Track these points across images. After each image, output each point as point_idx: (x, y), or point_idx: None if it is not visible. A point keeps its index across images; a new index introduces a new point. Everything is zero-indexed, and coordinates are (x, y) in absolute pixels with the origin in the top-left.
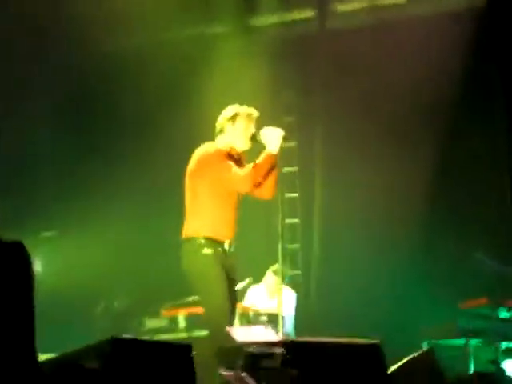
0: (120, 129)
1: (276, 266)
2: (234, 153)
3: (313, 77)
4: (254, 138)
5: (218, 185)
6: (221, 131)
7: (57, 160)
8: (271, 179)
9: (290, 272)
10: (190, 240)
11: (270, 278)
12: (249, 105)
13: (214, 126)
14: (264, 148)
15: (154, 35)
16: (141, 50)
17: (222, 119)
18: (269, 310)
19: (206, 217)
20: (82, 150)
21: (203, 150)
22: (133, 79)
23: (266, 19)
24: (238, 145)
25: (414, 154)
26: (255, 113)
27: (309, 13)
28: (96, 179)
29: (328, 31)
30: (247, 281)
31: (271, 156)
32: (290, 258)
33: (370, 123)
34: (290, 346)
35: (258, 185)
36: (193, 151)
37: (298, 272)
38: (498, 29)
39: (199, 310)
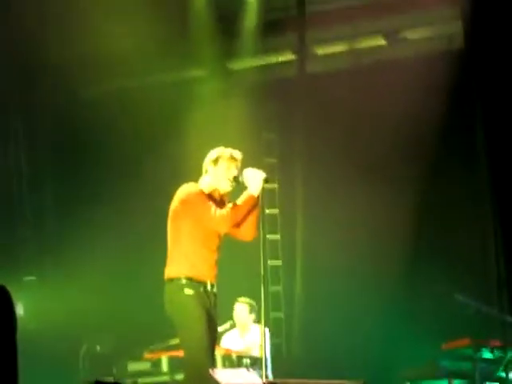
0: (100, 172)
1: (243, 299)
2: (216, 194)
3: (293, 119)
4: (236, 180)
5: (200, 225)
6: (205, 173)
7: (35, 202)
8: (251, 220)
9: (273, 314)
10: (172, 280)
11: (240, 312)
12: (231, 147)
13: (196, 169)
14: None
15: (135, 80)
16: (122, 95)
17: (206, 161)
18: (250, 352)
19: (187, 257)
20: (60, 194)
21: (185, 189)
22: (114, 125)
23: (246, 63)
24: (219, 186)
25: (396, 193)
26: (238, 155)
27: (288, 56)
28: (76, 222)
29: (308, 74)
30: (229, 323)
31: (251, 197)
32: (273, 301)
33: (351, 164)
34: None
35: (237, 225)
36: (175, 193)
37: (281, 314)
38: (477, 70)
39: (182, 352)
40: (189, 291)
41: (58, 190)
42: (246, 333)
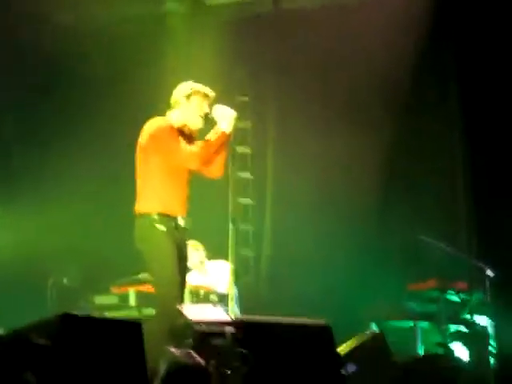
0: (73, 100)
1: (194, 242)
2: (185, 130)
3: (268, 57)
4: (207, 117)
5: (170, 160)
6: (175, 105)
7: (5, 131)
8: (221, 158)
9: (242, 252)
10: (142, 216)
11: (192, 254)
12: (202, 83)
13: (167, 102)
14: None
15: (110, 9)
16: (96, 24)
17: (177, 94)
18: (214, 289)
19: (158, 192)
20: (28, 123)
21: (155, 124)
22: (87, 54)
23: None
24: (190, 122)
25: (368, 135)
26: (211, 93)
27: None
28: (48, 148)
29: (283, 10)
30: (200, 261)
31: (223, 134)
32: (242, 239)
33: (324, 104)
34: (241, 326)
35: (207, 162)
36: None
37: (250, 252)
38: (453, 10)
39: (150, 287)
40: (161, 227)
41: (29, 118)
42: (203, 270)
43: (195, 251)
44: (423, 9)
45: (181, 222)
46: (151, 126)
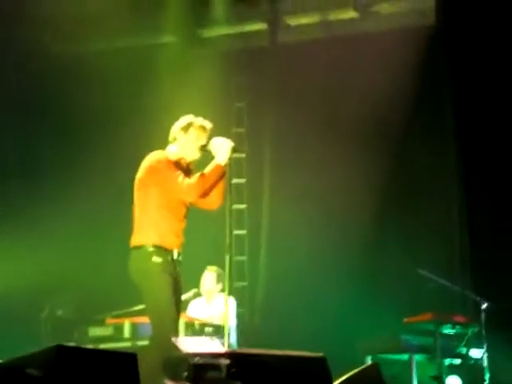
0: (69, 134)
1: (212, 267)
2: (183, 162)
3: (264, 89)
4: (203, 149)
5: (167, 193)
6: (173, 140)
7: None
8: (218, 189)
9: (237, 284)
10: (139, 248)
11: (208, 280)
12: (200, 115)
13: (164, 136)
14: (213, 159)
15: (106, 41)
16: (92, 55)
17: (175, 128)
18: (214, 320)
19: (154, 225)
20: (28, 152)
21: (152, 157)
22: (80, 86)
23: (217, 30)
24: (187, 154)
25: (365, 165)
26: (209, 125)
27: (261, 25)
28: (44, 183)
29: (280, 44)
30: (193, 292)
31: (219, 166)
32: (237, 270)
33: (321, 135)
34: (236, 358)
35: (204, 195)
36: (142, 160)
37: (245, 284)
38: (448, 46)
39: (144, 319)
40: (157, 259)
41: (23, 150)
42: (211, 301)
43: (215, 279)
44: (419, 42)
45: (176, 255)
46: (149, 159)
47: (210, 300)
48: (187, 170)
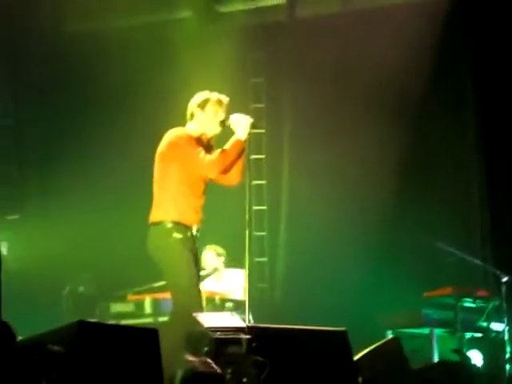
0: (88, 110)
1: (216, 247)
2: (203, 138)
3: (282, 64)
4: (223, 124)
5: (188, 170)
6: (191, 117)
7: (20, 139)
8: (238, 165)
9: (257, 259)
10: (158, 224)
11: (209, 258)
12: (218, 91)
13: (182, 112)
14: (233, 134)
15: (122, 18)
16: (108, 33)
17: (192, 105)
18: (228, 296)
19: (173, 201)
20: (45, 132)
21: (173, 133)
22: (99, 62)
23: (235, 5)
24: (207, 130)
25: (384, 140)
26: (225, 99)
27: (278, 0)
28: (62, 160)
29: (297, 19)
30: (212, 268)
31: (239, 142)
32: (257, 246)
33: (339, 111)
34: (257, 333)
35: (225, 171)
36: (161, 136)
37: (265, 259)
38: (467, 20)
39: (165, 295)
40: (177, 235)
41: (44, 128)
42: (220, 277)
43: (216, 256)
44: (438, 15)
45: (195, 231)
46: (170, 134)
47: (219, 278)
48: (208, 146)
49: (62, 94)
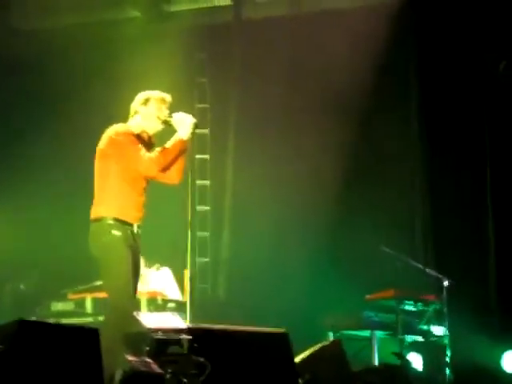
0: (31, 108)
1: (157, 266)
2: (144, 135)
3: (227, 65)
4: (165, 122)
5: (127, 166)
6: (134, 114)
7: None
8: (179, 164)
9: (199, 260)
10: (98, 220)
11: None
12: (163, 90)
13: (126, 111)
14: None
15: (70, 16)
16: (57, 31)
17: (135, 103)
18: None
19: (114, 198)
20: None
21: (113, 130)
22: (47, 60)
23: (182, 5)
24: (149, 127)
25: (328, 140)
26: (168, 97)
27: (226, 0)
28: (7, 158)
29: (244, 20)
30: (155, 266)
31: (181, 141)
32: (200, 246)
33: (284, 111)
34: (198, 334)
35: (164, 169)
36: (104, 132)
37: (207, 259)
38: (416, 23)
39: (106, 294)
40: (116, 232)
41: None
42: (142, 279)
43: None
44: (386, 18)
45: (136, 228)
46: (111, 131)
47: (143, 279)
48: (149, 144)
49: (6, 91)
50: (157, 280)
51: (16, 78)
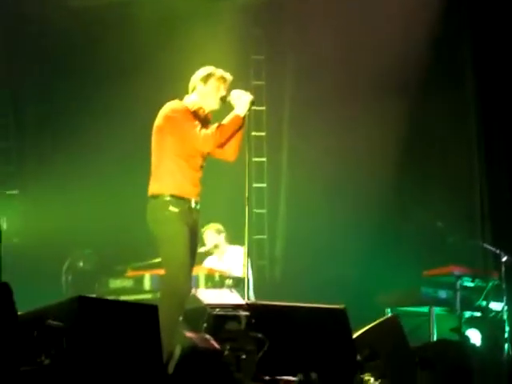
0: (86, 84)
1: (215, 225)
2: (200, 112)
3: (283, 42)
4: (223, 100)
5: (184, 143)
6: (192, 90)
7: (17, 113)
8: (235, 141)
9: (257, 237)
10: (156, 197)
11: (212, 236)
12: (219, 67)
13: (184, 85)
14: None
15: None
16: (112, 8)
17: (195, 78)
18: (230, 273)
19: (171, 174)
20: (43, 105)
21: (169, 107)
22: (102, 37)
23: None
24: (206, 105)
25: (386, 121)
26: (229, 76)
27: None
28: (61, 135)
29: None
30: (213, 244)
31: (238, 118)
32: (257, 223)
33: (341, 88)
34: (256, 310)
35: (220, 145)
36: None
37: (264, 236)
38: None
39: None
40: (174, 208)
41: (42, 101)
42: (222, 256)
43: (216, 234)
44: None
45: (194, 204)
46: (167, 107)
47: (221, 255)
48: (205, 121)
49: (61, 69)
50: (228, 258)
51: (69, 56)
